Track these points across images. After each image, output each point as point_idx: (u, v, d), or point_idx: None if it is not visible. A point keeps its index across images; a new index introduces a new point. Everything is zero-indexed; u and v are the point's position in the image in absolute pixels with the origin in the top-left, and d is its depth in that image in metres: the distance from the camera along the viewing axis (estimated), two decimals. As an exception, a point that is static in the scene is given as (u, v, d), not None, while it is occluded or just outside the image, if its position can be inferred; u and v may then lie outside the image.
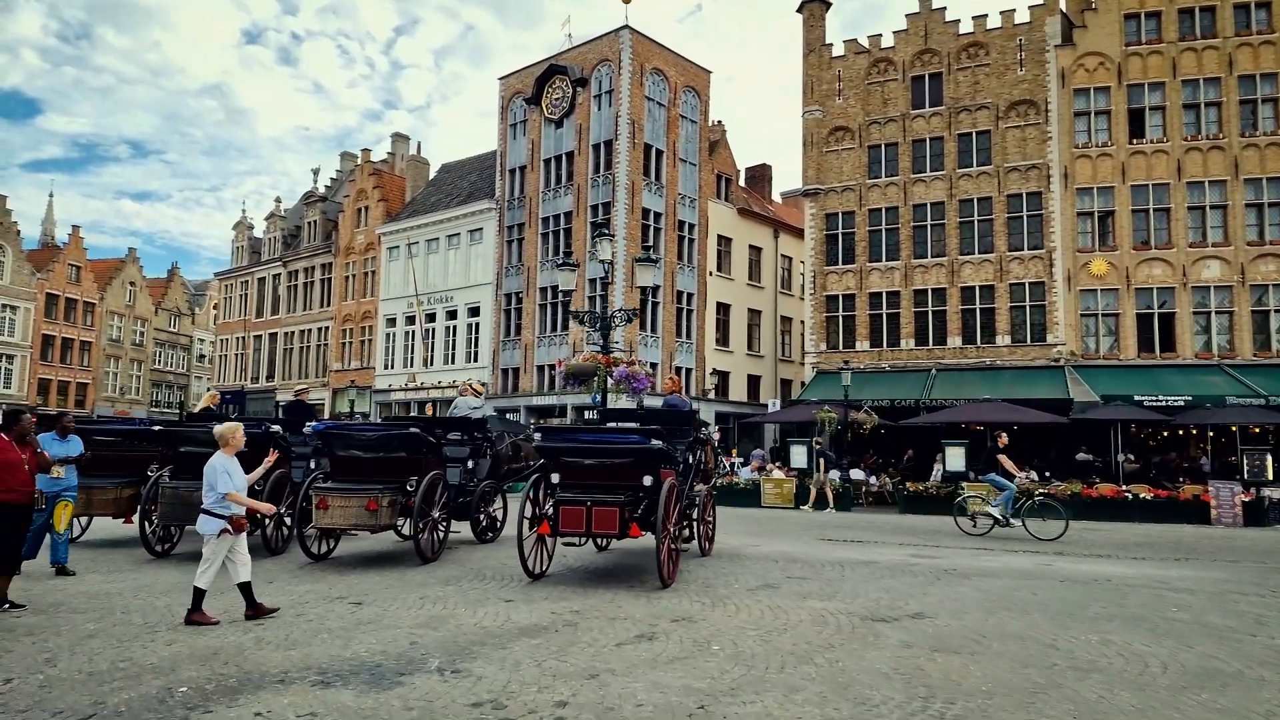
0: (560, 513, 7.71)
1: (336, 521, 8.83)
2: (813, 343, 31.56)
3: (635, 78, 32.42)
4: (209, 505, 6.38)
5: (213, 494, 6.38)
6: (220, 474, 6.44)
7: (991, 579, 8.54)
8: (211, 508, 6.37)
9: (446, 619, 6.43)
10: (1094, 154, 28.19)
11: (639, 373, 12.70)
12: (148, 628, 6.14)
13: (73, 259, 49.85)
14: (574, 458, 7.95)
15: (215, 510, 6.36)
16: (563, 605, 6.96)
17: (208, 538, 6.38)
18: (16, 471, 6.77)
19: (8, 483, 6.71)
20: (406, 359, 38.14)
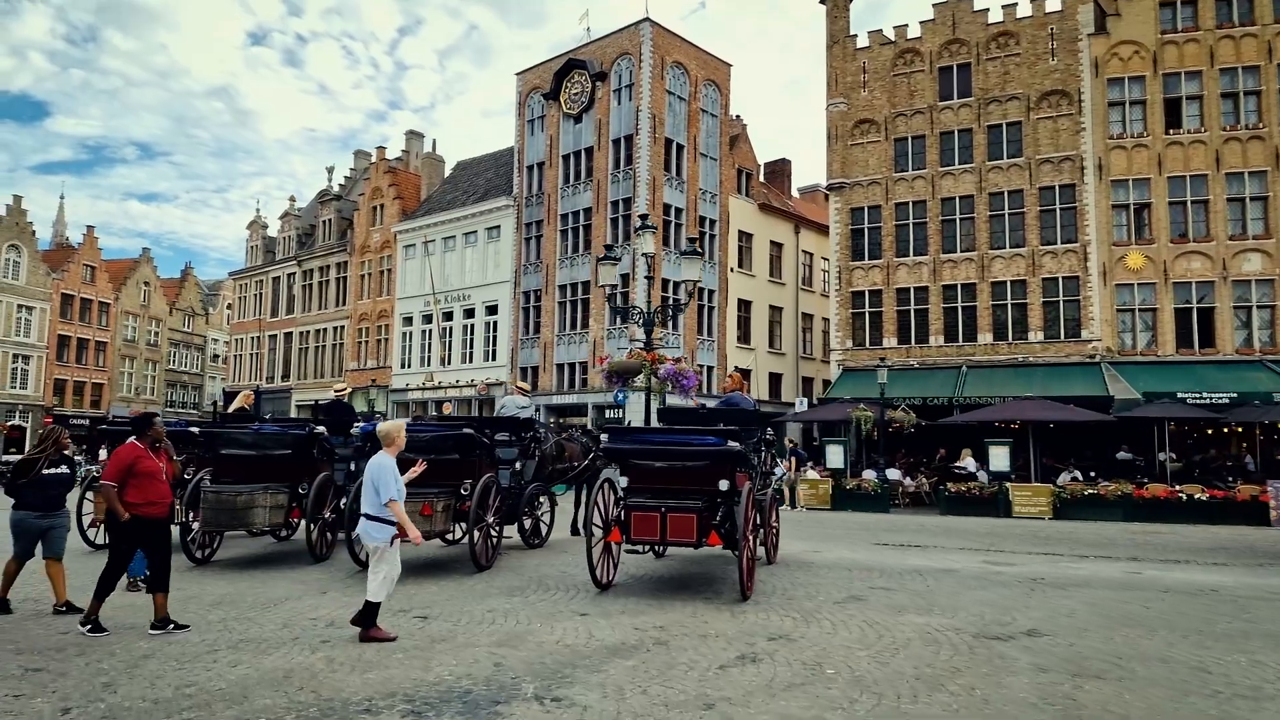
0: (632, 519, 7.23)
1: (388, 528, 8.35)
2: (838, 340, 30.98)
3: (656, 71, 31.89)
4: (373, 510, 5.82)
5: (376, 498, 5.82)
6: (389, 476, 5.89)
7: (1088, 589, 8.02)
8: (377, 512, 5.84)
9: (525, 636, 5.95)
10: (1129, 145, 27.51)
11: (686, 370, 12.20)
12: (207, 646, 5.68)
13: (87, 259, 49.66)
14: (643, 460, 7.47)
15: (382, 516, 5.82)
16: (644, 620, 6.47)
17: (378, 548, 5.83)
18: (157, 482, 6.24)
19: (149, 494, 6.15)
20: (424, 358, 37.73)
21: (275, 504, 9.10)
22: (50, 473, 6.72)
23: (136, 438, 6.31)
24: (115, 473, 6.06)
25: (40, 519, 6.74)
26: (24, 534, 6.73)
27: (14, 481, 6.73)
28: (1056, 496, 18.44)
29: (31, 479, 6.67)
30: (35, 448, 6.81)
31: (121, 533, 6.11)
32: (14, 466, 6.84)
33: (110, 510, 6.09)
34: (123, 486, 6.03)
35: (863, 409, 22.58)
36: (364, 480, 5.95)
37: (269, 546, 10.67)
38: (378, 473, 5.89)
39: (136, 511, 6.04)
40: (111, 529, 6.23)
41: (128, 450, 6.17)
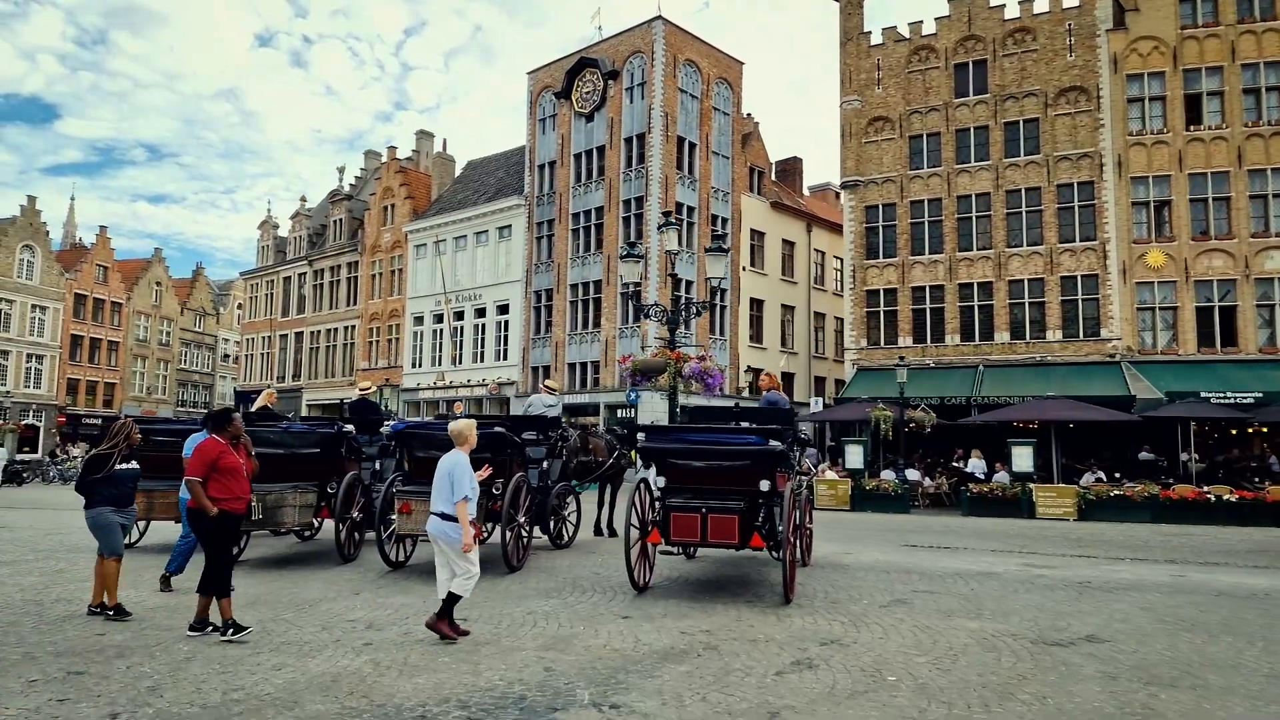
0: (671, 520, 7.08)
1: (421, 527, 8.21)
2: (853, 339, 30.77)
3: (668, 69, 31.74)
4: (447, 509, 5.70)
5: (448, 497, 5.70)
6: (467, 475, 5.78)
7: (1137, 593, 7.83)
8: (452, 511, 5.69)
9: (570, 640, 5.81)
10: (1149, 141, 27.22)
11: (712, 368, 12.04)
12: (248, 649, 5.56)
13: (100, 259, 49.78)
14: (682, 459, 7.32)
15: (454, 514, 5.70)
16: (688, 624, 6.33)
17: (452, 546, 5.69)
18: (240, 478, 6.16)
19: (233, 489, 6.06)
20: (435, 357, 37.67)
21: (304, 503, 8.99)
22: (123, 468, 6.58)
23: (215, 433, 6.19)
24: (201, 468, 5.93)
25: (117, 515, 6.60)
26: (107, 529, 6.55)
27: (87, 478, 6.54)
28: (1081, 498, 18.22)
29: (106, 475, 6.50)
30: (107, 443, 6.61)
31: (209, 529, 5.96)
32: (86, 463, 6.64)
33: (197, 506, 5.94)
34: (206, 481, 5.92)
35: (881, 408, 22.36)
36: (437, 479, 5.81)
37: (294, 546, 10.57)
38: (456, 470, 5.78)
39: (221, 507, 5.95)
40: (198, 527, 6.08)
41: (211, 445, 6.05)
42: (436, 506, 5.76)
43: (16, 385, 43.95)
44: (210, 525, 5.93)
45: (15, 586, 7.80)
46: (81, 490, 6.62)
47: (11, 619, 6.42)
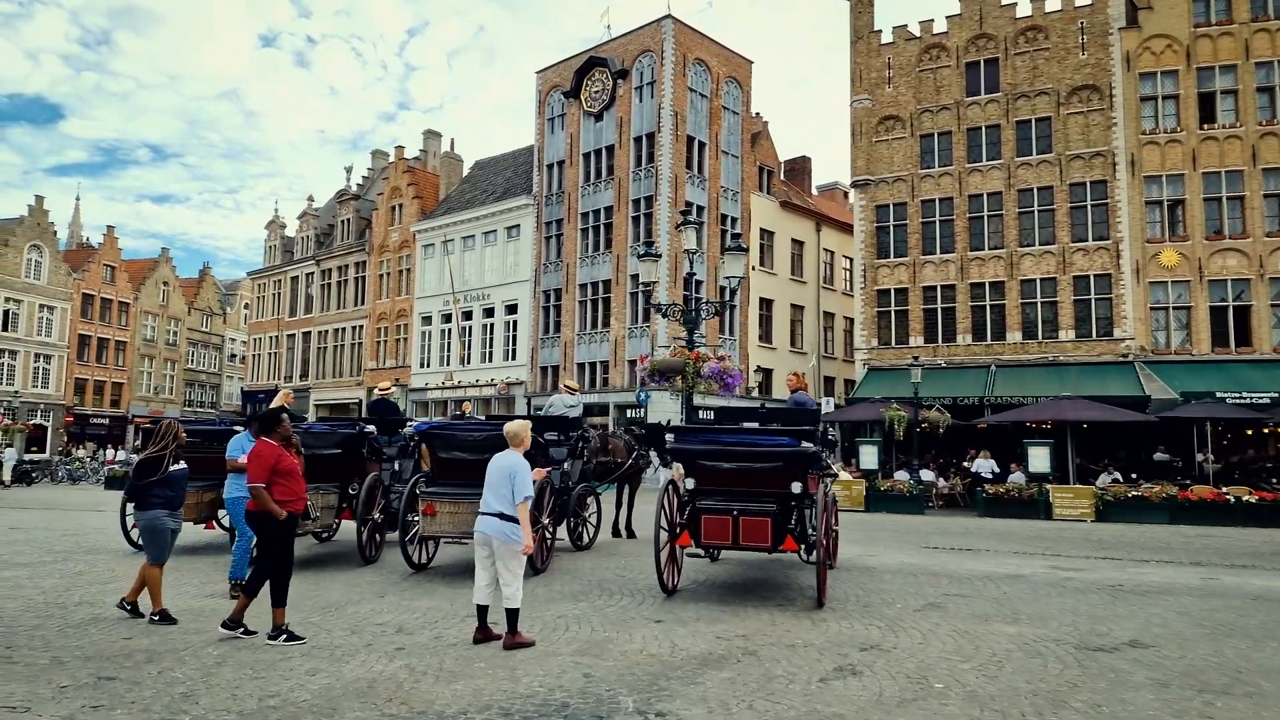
0: (702, 522, 6.98)
1: (445, 529, 8.17)
2: (863, 338, 30.64)
3: (678, 68, 31.64)
4: (507, 510, 5.59)
5: (508, 498, 5.59)
6: (528, 476, 5.67)
7: (1172, 597, 7.71)
8: (515, 512, 5.59)
9: (605, 645, 5.72)
10: (1162, 140, 27.05)
11: (731, 369, 11.93)
12: (279, 653, 5.47)
13: (108, 259, 49.84)
14: (711, 461, 7.21)
15: (515, 515, 5.60)
16: (722, 628, 6.23)
17: (509, 547, 5.58)
18: (299, 478, 6.09)
19: (296, 490, 6.00)
20: (443, 357, 37.62)
21: (326, 504, 8.91)
22: (176, 469, 6.44)
23: (265, 435, 6.09)
24: (264, 472, 5.84)
25: (170, 519, 6.44)
26: (158, 535, 6.38)
27: (141, 482, 6.35)
28: (1099, 499, 18.07)
29: (161, 477, 6.33)
30: (156, 444, 6.42)
31: (275, 532, 5.87)
32: (138, 465, 6.44)
33: (262, 511, 5.84)
34: (268, 485, 5.85)
35: (896, 408, 22.22)
36: (493, 479, 5.70)
37: (312, 548, 10.48)
38: (518, 471, 5.66)
39: (288, 509, 5.89)
40: (262, 530, 5.94)
41: (269, 449, 5.96)
42: (493, 507, 5.65)
43: (24, 385, 44.01)
44: (277, 529, 5.86)
45: (36, 589, 7.73)
46: (134, 494, 6.45)
47: (35, 622, 6.35)
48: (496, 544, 5.62)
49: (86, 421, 47.17)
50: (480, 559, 5.74)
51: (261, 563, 5.91)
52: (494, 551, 5.66)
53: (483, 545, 5.70)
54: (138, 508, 6.43)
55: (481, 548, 5.71)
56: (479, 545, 5.72)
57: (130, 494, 6.50)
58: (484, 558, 5.71)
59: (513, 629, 5.61)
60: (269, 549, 5.89)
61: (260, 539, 5.99)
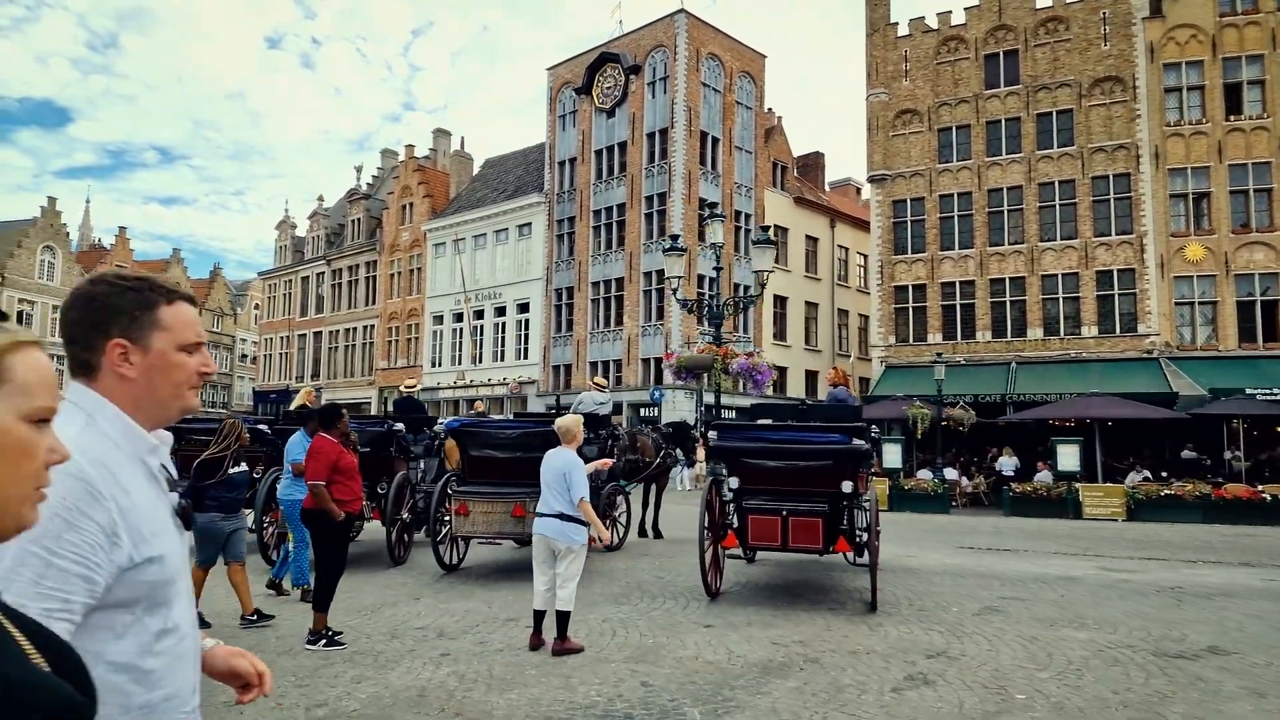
0: (749, 523, 6.70)
1: (478, 529, 7.91)
2: (880, 336, 30.27)
3: (691, 63, 31.33)
4: (570, 509, 5.37)
5: (565, 497, 5.36)
6: (583, 474, 5.46)
7: (1237, 599, 7.39)
8: (574, 511, 5.36)
9: (658, 651, 5.44)
10: (1187, 132, 26.58)
11: (761, 365, 11.64)
12: (321, 659, 5.22)
13: (120, 260, 49.85)
14: (757, 459, 6.93)
15: (578, 515, 5.38)
16: (777, 633, 5.95)
17: (569, 548, 5.35)
18: (358, 477, 5.87)
19: (355, 490, 5.78)
20: (455, 357, 37.43)
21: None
22: (236, 471, 6.19)
23: (325, 431, 5.83)
24: (324, 470, 5.61)
25: (225, 522, 6.20)
26: (211, 539, 6.14)
27: (200, 483, 6.08)
28: (1130, 497, 17.70)
29: (222, 479, 6.09)
30: (218, 444, 6.15)
31: (329, 533, 5.63)
32: (198, 467, 6.14)
33: (319, 510, 5.59)
34: (328, 484, 5.61)
35: (919, 406, 21.87)
36: (549, 477, 5.46)
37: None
38: (575, 469, 5.43)
39: (346, 509, 5.67)
40: (317, 531, 5.70)
41: (329, 446, 5.73)
42: (552, 507, 5.40)
43: (38, 386, 44.02)
44: (334, 529, 5.63)
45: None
46: (190, 496, 6.11)
47: (63, 627, 6.12)
48: (558, 545, 5.36)
49: (99, 422, 47.15)
50: (540, 562, 5.47)
51: (322, 569, 5.67)
52: (553, 553, 5.40)
53: (542, 547, 5.44)
54: (194, 509, 6.16)
55: (541, 550, 5.45)
56: (538, 547, 5.46)
57: (186, 496, 6.12)
58: (543, 561, 5.45)
59: (563, 634, 5.36)
60: (324, 550, 5.66)
61: (315, 540, 5.76)
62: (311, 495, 5.65)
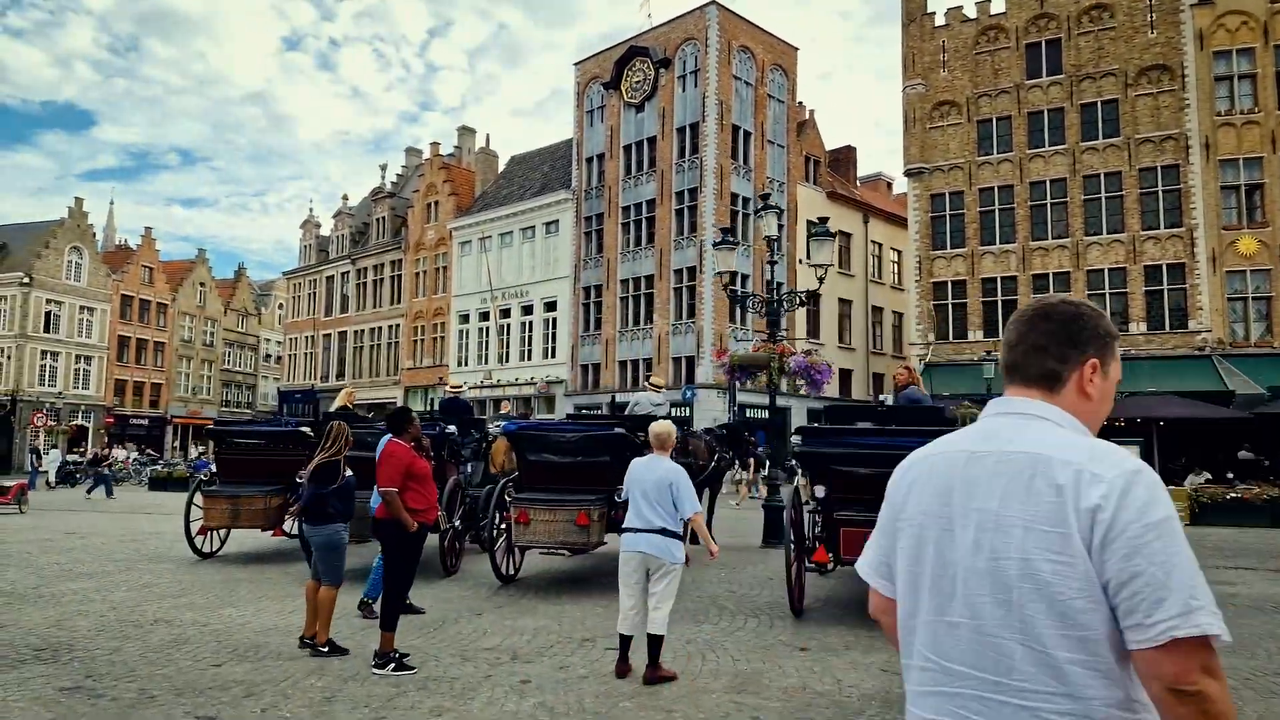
0: (841, 535, 6.19)
1: (540, 538, 7.47)
2: (919, 333, 29.56)
3: (723, 56, 30.76)
4: (673, 524, 4.89)
5: (667, 510, 4.88)
6: (690, 488, 4.99)
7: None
8: (675, 526, 4.90)
9: (757, 679, 4.95)
10: (1238, 122, 25.66)
11: (820, 363, 11.11)
12: (390, 684, 4.78)
13: (146, 260, 50.15)
14: (847, 465, 6.41)
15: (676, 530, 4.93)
16: (883, 659, 5.42)
17: (667, 567, 4.88)
18: (432, 484, 5.45)
19: (429, 498, 5.36)
20: (481, 356, 37.13)
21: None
22: (347, 477, 5.69)
23: (396, 436, 5.40)
24: (396, 477, 5.19)
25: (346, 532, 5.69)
26: (338, 553, 5.57)
27: (321, 491, 5.51)
28: (1194, 500, 16.94)
29: (342, 485, 5.57)
30: (328, 448, 5.58)
31: (407, 544, 5.21)
32: (314, 473, 5.58)
33: (392, 521, 5.16)
34: (401, 492, 5.17)
35: (969, 406, 21.10)
36: (648, 489, 4.97)
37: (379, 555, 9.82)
38: (681, 480, 4.95)
39: (420, 519, 5.23)
40: (388, 542, 5.25)
41: (402, 451, 5.30)
42: (653, 522, 4.91)
43: (66, 387, 44.37)
44: (408, 541, 5.21)
45: (105, 603, 7.15)
46: (313, 505, 5.54)
47: (113, 644, 5.74)
48: (659, 564, 4.88)
49: (126, 422, 47.46)
50: (631, 582, 4.98)
51: (390, 584, 5.23)
52: (649, 572, 4.93)
53: (637, 566, 4.95)
54: (312, 521, 5.55)
55: (634, 569, 4.96)
56: (631, 566, 4.97)
57: (309, 505, 5.53)
58: (635, 581, 4.96)
59: (656, 660, 4.90)
60: (395, 564, 5.23)
61: (386, 552, 5.33)
62: (383, 504, 5.22)
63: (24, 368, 42.59)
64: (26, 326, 42.80)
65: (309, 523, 5.59)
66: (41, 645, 5.68)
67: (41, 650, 5.54)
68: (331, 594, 5.57)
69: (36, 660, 5.30)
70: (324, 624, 5.56)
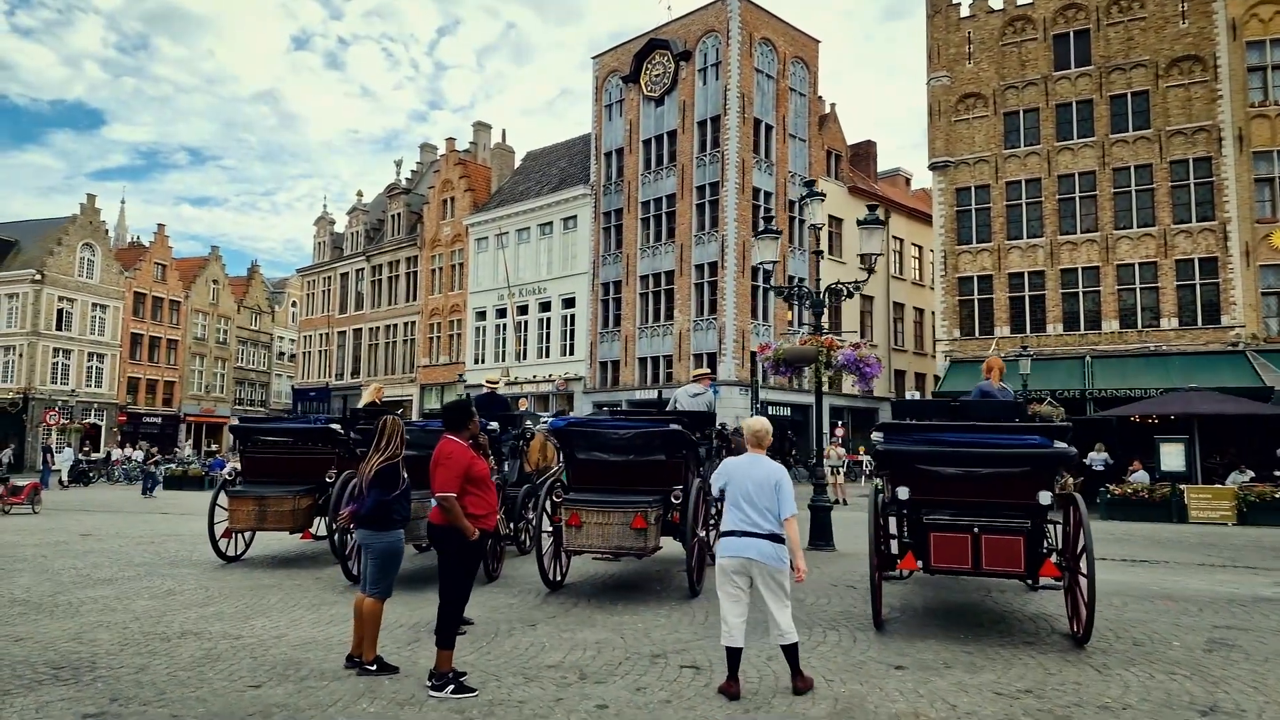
0: (931, 542, 5.67)
1: (593, 542, 6.97)
2: (945, 329, 28.96)
3: (744, 48, 30.21)
4: (776, 527, 4.54)
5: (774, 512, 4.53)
6: (790, 489, 4.63)
7: None
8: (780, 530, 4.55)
9: (861, 703, 4.44)
10: (1272, 113, 24.99)
11: (869, 356, 10.59)
12: (453, 707, 4.29)
13: (159, 258, 49.93)
14: (933, 465, 5.89)
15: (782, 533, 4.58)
16: (989, 678, 4.90)
17: (776, 572, 4.51)
18: (492, 488, 4.94)
19: (490, 502, 4.86)
20: (498, 353, 36.71)
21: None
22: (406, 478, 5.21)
23: (453, 433, 4.87)
24: (455, 479, 4.68)
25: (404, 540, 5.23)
26: (397, 563, 5.10)
27: (385, 497, 4.99)
28: (1241, 500, 16.34)
29: (404, 490, 5.09)
30: (384, 447, 5.03)
31: (466, 552, 4.72)
32: (377, 476, 5.03)
33: (450, 527, 4.66)
34: (460, 496, 4.68)
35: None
36: (752, 491, 4.56)
37: (412, 559, 9.34)
38: (781, 482, 4.59)
39: (481, 525, 4.74)
40: (445, 550, 4.74)
41: (459, 450, 4.78)
42: (763, 526, 4.50)
43: (79, 384, 44.16)
44: (467, 549, 4.72)
45: (128, 614, 6.69)
46: (379, 512, 4.99)
47: (140, 661, 5.27)
48: (770, 571, 4.49)
49: (139, 421, 47.25)
50: (736, 591, 4.57)
51: (447, 596, 4.74)
52: (757, 580, 4.52)
53: (743, 573, 4.55)
54: (377, 528, 5.00)
55: (741, 576, 4.56)
56: (737, 573, 4.56)
57: (373, 512, 4.96)
58: (742, 589, 4.57)
59: (798, 668, 4.61)
60: (453, 575, 4.74)
61: (442, 561, 4.83)
62: (439, 509, 4.73)
63: (36, 366, 42.39)
64: (39, 324, 42.59)
65: (371, 529, 5.09)
66: (61, 663, 5.22)
67: (61, 669, 5.08)
68: (378, 608, 5.08)
69: (56, 681, 4.83)
70: (370, 640, 5.07)
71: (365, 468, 5.18)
